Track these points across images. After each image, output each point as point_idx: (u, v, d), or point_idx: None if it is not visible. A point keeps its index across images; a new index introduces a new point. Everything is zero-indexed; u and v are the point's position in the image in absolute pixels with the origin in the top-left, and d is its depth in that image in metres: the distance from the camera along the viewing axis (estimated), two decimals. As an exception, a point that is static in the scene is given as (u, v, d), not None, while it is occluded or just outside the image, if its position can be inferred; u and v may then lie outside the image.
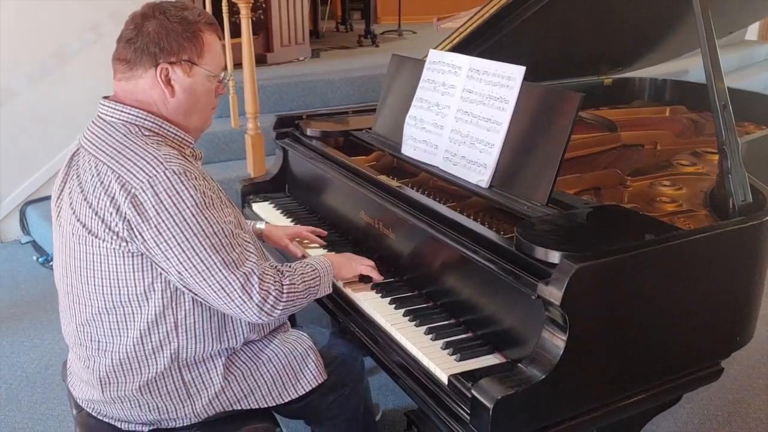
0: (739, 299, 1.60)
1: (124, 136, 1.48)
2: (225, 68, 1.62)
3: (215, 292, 1.44)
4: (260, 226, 2.06)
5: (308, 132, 2.40)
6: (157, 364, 1.52)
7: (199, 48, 1.53)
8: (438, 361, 1.49)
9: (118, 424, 1.59)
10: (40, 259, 3.76)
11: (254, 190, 2.50)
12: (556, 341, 1.32)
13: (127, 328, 1.50)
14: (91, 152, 1.49)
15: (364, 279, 1.83)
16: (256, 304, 1.47)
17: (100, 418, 1.61)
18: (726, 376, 2.68)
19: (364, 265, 1.82)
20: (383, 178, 1.96)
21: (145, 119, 1.50)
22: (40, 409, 2.55)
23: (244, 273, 1.45)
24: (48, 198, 4.01)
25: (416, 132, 2.03)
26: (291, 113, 2.57)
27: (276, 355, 1.65)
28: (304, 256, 1.95)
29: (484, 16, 2.22)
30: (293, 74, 4.73)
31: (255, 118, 3.74)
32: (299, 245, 2.04)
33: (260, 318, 1.50)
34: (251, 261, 1.48)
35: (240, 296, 1.45)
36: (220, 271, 1.43)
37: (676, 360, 1.53)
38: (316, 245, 2.07)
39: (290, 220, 2.29)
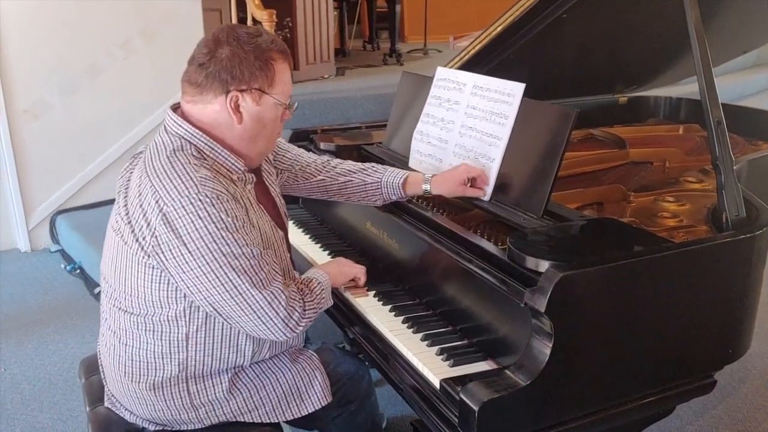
0: (731, 313, 1.62)
1: (173, 151, 1.51)
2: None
3: (243, 310, 1.48)
4: (426, 186, 1.89)
5: (322, 146, 2.48)
6: (164, 369, 1.58)
7: (270, 77, 1.55)
8: (431, 366, 1.54)
9: (127, 416, 1.66)
10: (67, 267, 3.88)
11: (269, 201, 2.57)
12: (542, 348, 1.36)
13: (139, 330, 1.57)
14: (145, 161, 1.55)
15: None
16: (282, 320, 1.51)
17: (113, 409, 1.68)
18: (737, 395, 2.70)
19: (355, 270, 1.87)
20: (388, 190, 2.02)
21: (199, 139, 1.54)
22: (60, 410, 2.64)
23: (272, 292, 1.50)
24: (77, 209, 4.20)
25: (422, 146, 2.09)
26: (307, 128, 2.65)
27: (283, 374, 1.68)
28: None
29: (492, 34, 2.27)
30: (317, 91, 4.82)
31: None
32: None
33: (285, 334, 1.53)
34: (278, 281, 1.52)
35: (267, 313, 1.49)
36: (248, 290, 1.47)
37: (666, 371, 1.56)
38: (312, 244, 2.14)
39: (302, 230, 2.36)
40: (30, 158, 4.03)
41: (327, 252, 2.18)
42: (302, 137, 2.59)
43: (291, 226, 2.40)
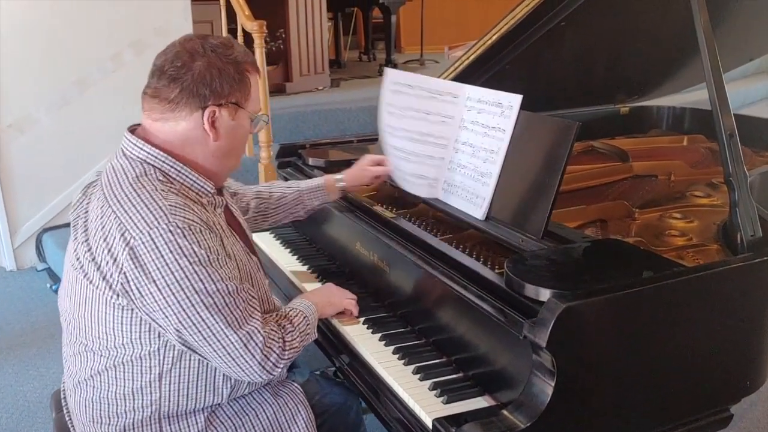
0: (748, 341, 1.50)
1: (137, 178, 1.39)
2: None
3: (216, 350, 1.37)
4: (341, 185, 1.98)
5: (310, 161, 2.36)
6: (135, 411, 1.46)
7: (246, 91, 1.46)
8: (424, 403, 1.42)
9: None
10: (53, 287, 3.75)
11: (256, 219, 2.46)
12: (544, 387, 1.24)
13: (108, 370, 1.45)
14: (104, 190, 1.42)
15: None
16: (258, 362, 1.39)
17: None
18: (747, 419, 2.57)
19: (347, 301, 1.76)
20: (378, 208, 1.91)
21: (164, 161, 1.42)
22: (38, 440, 2.52)
23: (247, 332, 1.38)
24: (65, 226, 4.07)
25: (413, 165, 1.97)
26: (294, 142, 2.53)
27: (264, 410, 1.55)
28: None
29: (487, 43, 2.16)
30: (310, 103, 4.74)
31: (268, 147, 3.74)
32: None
33: (261, 377, 1.42)
34: (255, 319, 1.40)
35: (242, 355, 1.38)
36: (222, 330, 1.35)
37: (678, 407, 1.43)
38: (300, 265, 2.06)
39: (288, 250, 2.25)
40: (15, 174, 3.91)
41: (315, 274, 2.06)
42: (290, 152, 2.47)
43: (278, 246, 2.29)
